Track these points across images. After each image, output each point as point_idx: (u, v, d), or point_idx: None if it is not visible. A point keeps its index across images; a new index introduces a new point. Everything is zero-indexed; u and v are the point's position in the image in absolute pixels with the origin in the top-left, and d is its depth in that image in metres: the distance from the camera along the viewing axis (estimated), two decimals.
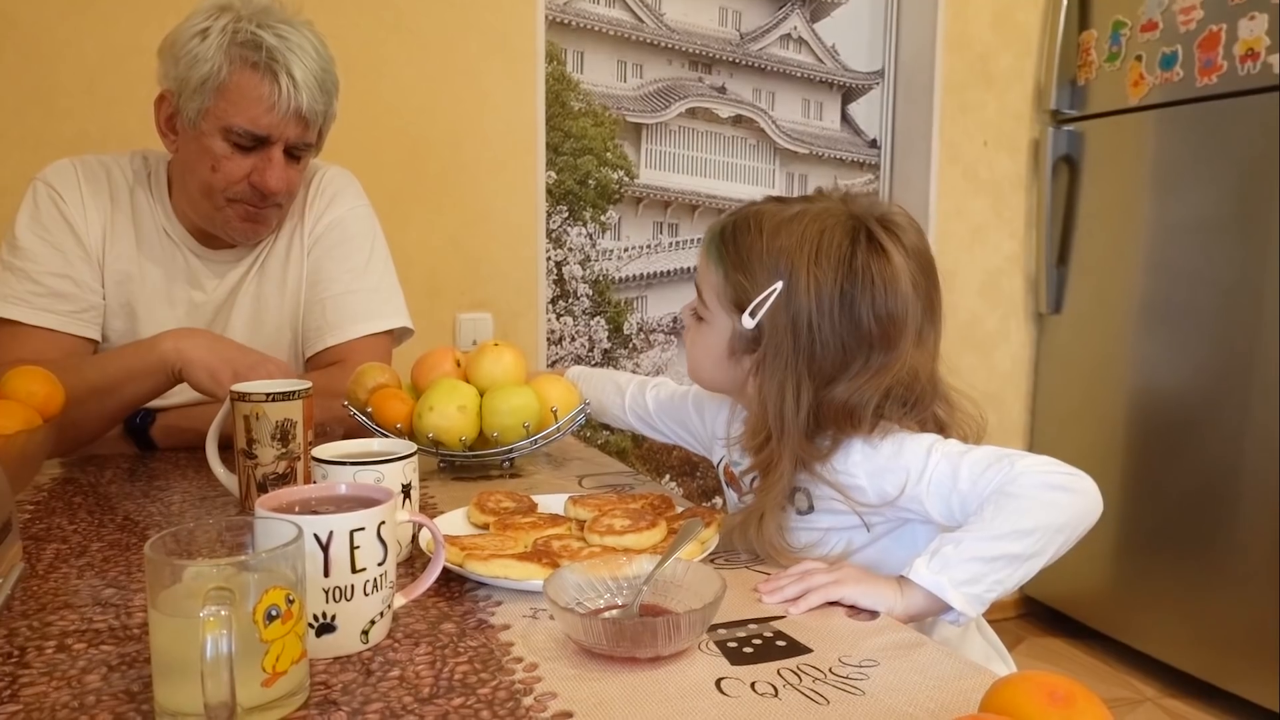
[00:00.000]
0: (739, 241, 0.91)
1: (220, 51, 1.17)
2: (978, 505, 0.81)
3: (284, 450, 0.94)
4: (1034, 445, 2.66)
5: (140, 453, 1.26)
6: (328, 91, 1.25)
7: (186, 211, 1.31)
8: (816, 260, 0.86)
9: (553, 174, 2.22)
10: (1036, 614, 2.68)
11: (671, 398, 1.22)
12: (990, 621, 1.00)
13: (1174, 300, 2.23)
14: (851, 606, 0.77)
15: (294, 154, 1.26)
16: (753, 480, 0.96)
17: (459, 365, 1.20)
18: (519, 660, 0.65)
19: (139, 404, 1.20)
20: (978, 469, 0.83)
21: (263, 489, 0.93)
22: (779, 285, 0.87)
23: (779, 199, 0.94)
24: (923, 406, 0.90)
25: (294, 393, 0.95)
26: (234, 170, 1.22)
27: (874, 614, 0.76)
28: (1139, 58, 2.30)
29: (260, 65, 1.18)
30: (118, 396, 1.17)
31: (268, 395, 0.94)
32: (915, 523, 0.91)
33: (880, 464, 0.87)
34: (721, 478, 1.09)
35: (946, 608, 0.78)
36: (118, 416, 1.21)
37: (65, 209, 1.27)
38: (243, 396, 0.94)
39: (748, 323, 0.89)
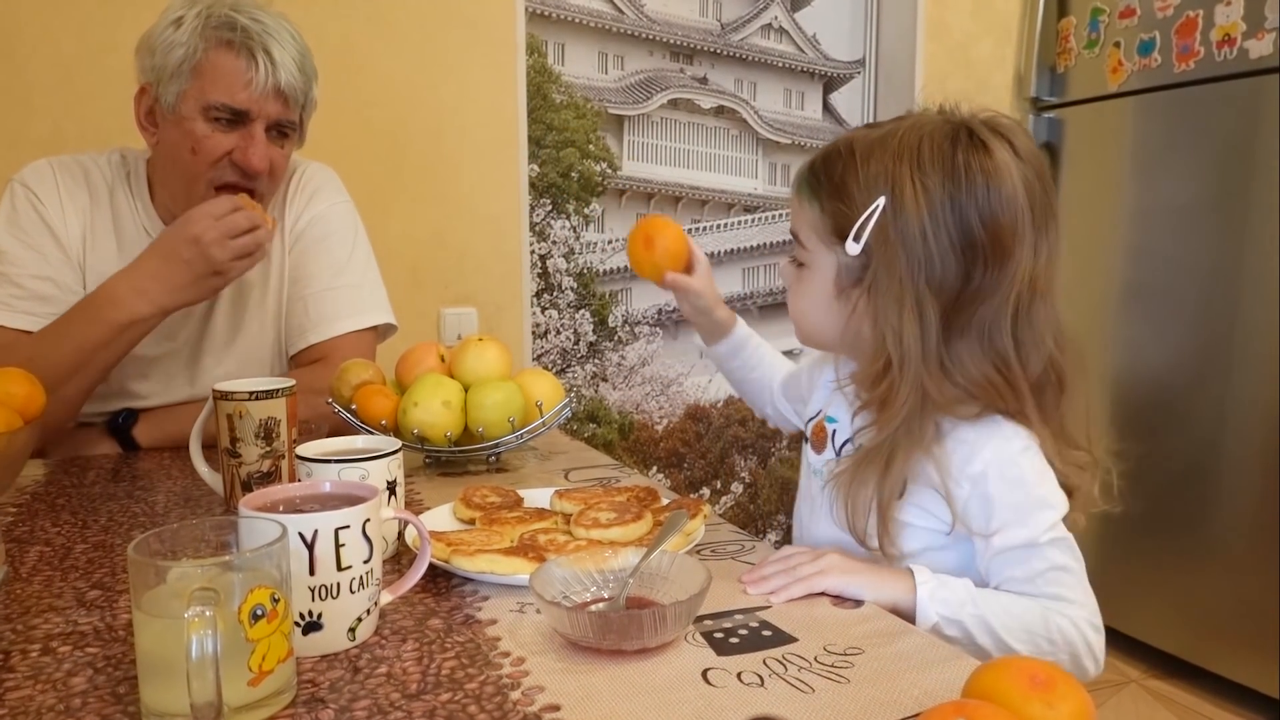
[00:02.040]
0: (831, 170, 0.85)
1: (195, 34, 1.17)
2: (1017, 589, 0.80)
3: (268, 449, 0.94)
4: None
5: (123, 453, 1.25)
6: (306, 74, 1.25)
7: (169, 207, 1.30)
8: (919, 167, 0.80)
9: (535, 167, 2.22)
10: None
11: (791, 373, 1.16)
12: None
13: (1154, 284, 2.25)
14: (836, 595, 0.77)
15: (280, 132, 1.25)
16: (844, 444, 0.91)
17: (443, 360, 1.20)
18: (506, 654, 0.66)
19: (112, 367, 1.19)
20: (1044, 566, 0.80)
21: (247, 488, 0.93)
22: (881, 202, 0.81)
23: (867, 125, 0.88)
24: (1050, 378, 0.83)
25: (277, 391, 0.95)
26: (214, 148, 1.21)
27: (859, 602, 0.76)
28: (1117, 44, 2.31)
29: (236, 43, 1.18)
30: (92, 370, 1.17)
31: (251, 394, 0.93)
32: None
33: (987, 491, 0.81)
34: (807, 435, 1.00)
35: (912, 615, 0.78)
36: (94, 387, 1.21)
37: (44, 211, 1.26)
38: (225, 395, 0.93)
39: (852, 249, 0.82)
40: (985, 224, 0.80)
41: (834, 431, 0.94)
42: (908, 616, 0.77)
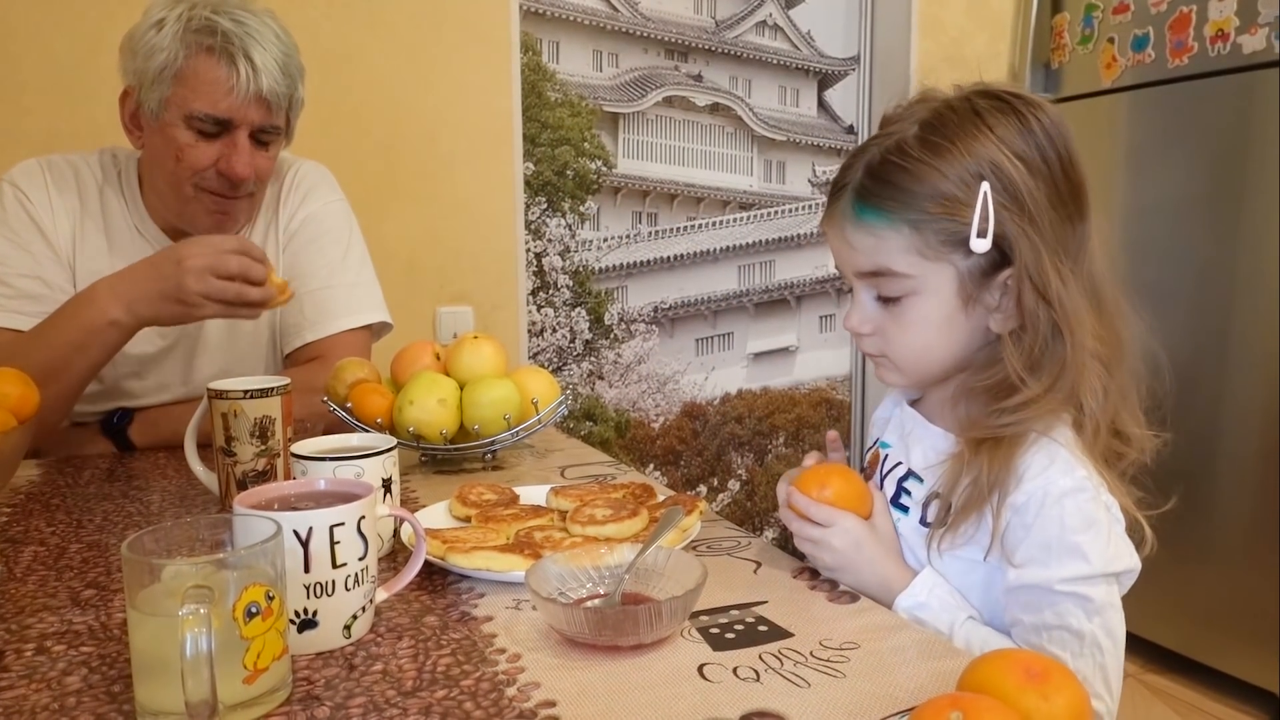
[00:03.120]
0: (898, 183, 0.78)
1: (176, 39, 1.16)
2: (1021, 636, 0.76)
3: (263, 447, 0.94)
4: None
5: (118, 452, 1.25)
6: (290, 75, 1.23)
7: (159, 208, 1.30)
8: (994, 132, 0.76)
9: (530, 165, 2.21)
10: None
11: None
12: None
13: (1148, 279, 2.25)
14: (832, 586, 0.78)
15: (261, 140, 1.24)
16: (891, 468, 0.86)
17: (439, 359, 1.20)
18: (502, 651, 0.66)
19: (96, 371, 1.17)
20: (1059, 625, 0.74)
21: (242, 486, 0.92)
22: (985, 187, 0.75)
23: (880, 132, 0.83)
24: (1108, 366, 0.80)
25: (272, 389, 0.94)
26: (199, 158, 1.21)
27: (854, 597, 0.76)
28: (1111, 40, 2.32)
29: (216, 49, 1.17)
30: (72, 373, 1.14)
31: (245, 392, 0.93)
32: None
33: (1026, 521, 0.75)
34: (864, 465, 0.94)
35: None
36: (79, 391, 1.18)
37: (33, 210, 1.26)
38: (220, 394, 0.93)
39: (981, 246, 0.75)
40: (1065, 173, 0.78)
41: (885, 457, 0.89)
42: (881, 602, 0.78)
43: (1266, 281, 1.98)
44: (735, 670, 0.63)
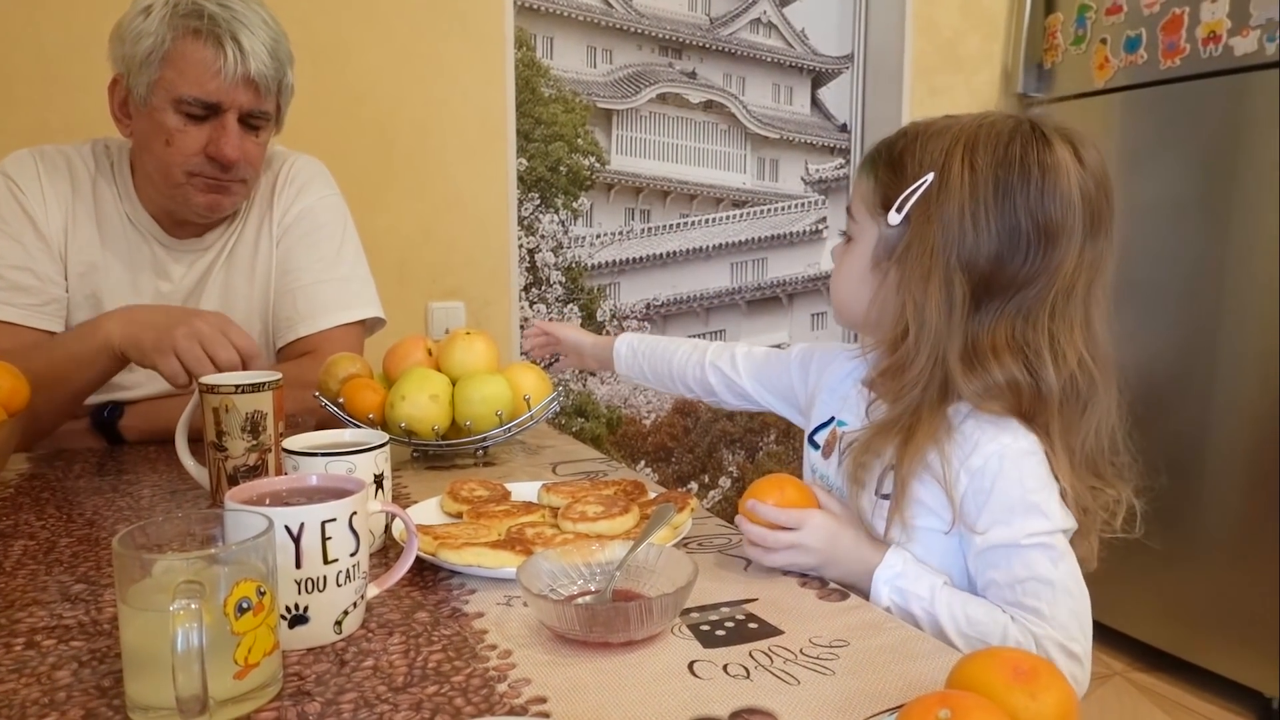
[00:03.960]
0: (892, 147, 0.86)
1: (163, 23, 1.16)
2: (998, 595, 0.79)
3: (254, 442, 0.94)
4: None
5: (109, 447, 1.25)
6: (279, 60, 1.23)
7: (152, 197, 1.29)
8: (973, 149, 0.80)
9: (524, 161, 2.21)
10: None
11: (766, 357, 1.14)
12: None
13: (1140, 280, 2.26)
14: (822, 584, 0.78)
15: (251, 124, 1.24)
16: (844, 449, 0.89)
17: (431, 354, 1.20)
18: (493, 647, 0.66)
19: (90, 390, 1.18)
20: (1029, 575, 0.77)
21: (233, 481, 0.92)
22: (929, 177, 0.81)
23: (944, 117, 0.87)
24: (1074, 338, 0.82)
25: (264, 384, 0.94)
26: (188, 143, 1.20)
27: (844, 594, 0.77)
28: (1104, 41, 2.32)
29: (203, 32, 1.16)
30: (68, 386, 1.14)
31: (236, 387, 0.93)
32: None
33: (983, 486, 0.79)
34: (818, 443, 0.98)
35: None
36: (72, 405, 1.19)
37: (24, 201, 1.25)
38: (212, 389, 0.93)
39: (893, 218, 0.83)
40: (1033, 215, 0.79)
41: (842, 435, 0.92)
42: (865, 594, 0.79)
43: (1257, 282, 1.99)
44: (725, 667, 0.63)
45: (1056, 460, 0.81)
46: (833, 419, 0.96)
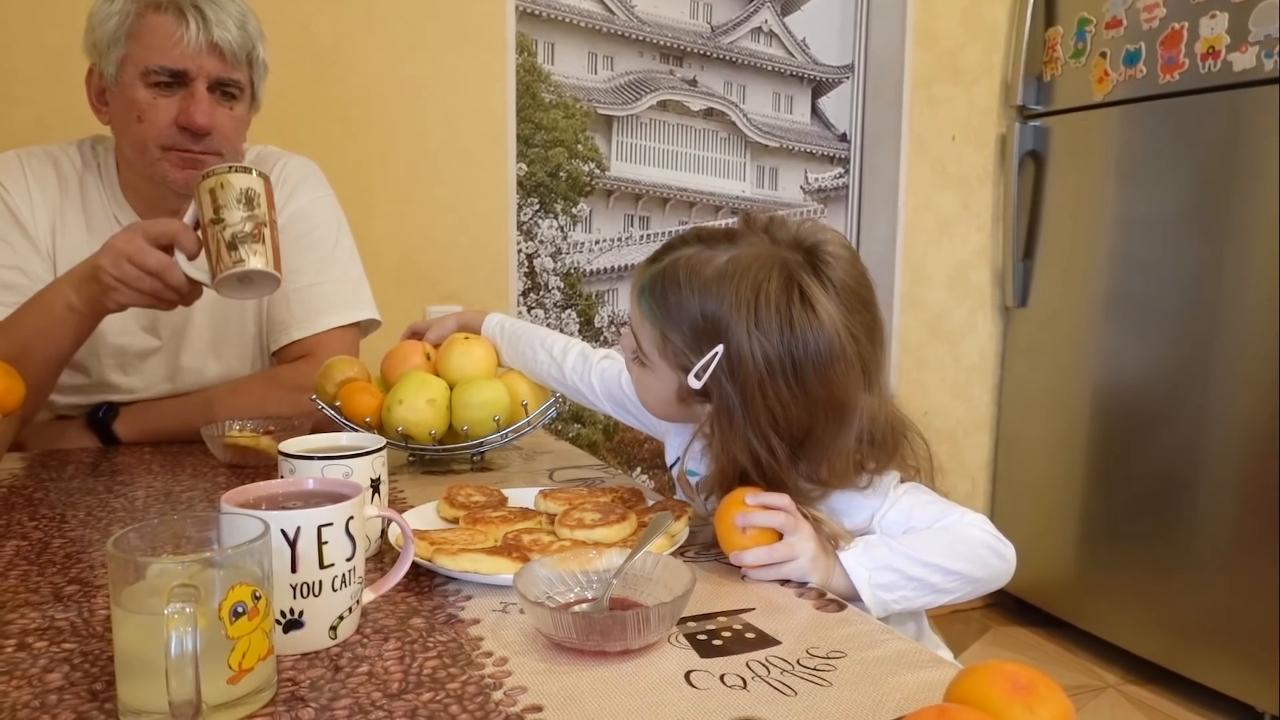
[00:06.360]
0: (669, 298, 0.86)
1: (127, 2, 1.18)
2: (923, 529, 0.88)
3: (250, 213, 0.95)
4: (1000, 435, 2.69)
5: (103, 447, 1.24)
6: (246, 31, 1.22)
7: (134, 187, 1.28)
8: (756, 323, 0.82)
9: (523, 166, 2.21)
10: (1003, 604, 2.71)
11: (620, 378, 1.14)
12: (959, 613, 1.02)
13: (1137, 293, 2.27)
14: (819, 595, 0.78)
15: (223, 94, 1.23)
16: (708, 497, 0.92)
17: (429, 359, 1.20)
18: (489, 655, 0.65)
19: (63, 358, 1.14)
20: (933, 511, 0.88)
21: (232, 248, 0.93)
22: (719, 350, 0.83)
23: (702, 238, 0.88)
24: (892, 444, 0.90)
25: (254, 171, 0.98)
26: (159, 115, 1.20)
27: (841, 605, 0.77)
28: (1103, 54, 2.33)
29: (164, 5, 1.18)
30: (35, 358, 1.10)
31: (230, 167, 0.97)
32: None
33: (855, 500, 0.89)
34: (675, 480, 1.02)
35: (857, 595, 0.81)
36: (48, 380, 1.15)
37: (11, 202, 1.25)
38: (206, 174, 0.96)
39: (694, 384, 0.85)
40: (823, 383, 0.82)
41: (698, 484, 0.94)
42: (847, 589, 0.81)
43: (1253, 295, 2.00)
44: (722, 677, 0.63)
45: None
46: (678, 460, 0.98)
